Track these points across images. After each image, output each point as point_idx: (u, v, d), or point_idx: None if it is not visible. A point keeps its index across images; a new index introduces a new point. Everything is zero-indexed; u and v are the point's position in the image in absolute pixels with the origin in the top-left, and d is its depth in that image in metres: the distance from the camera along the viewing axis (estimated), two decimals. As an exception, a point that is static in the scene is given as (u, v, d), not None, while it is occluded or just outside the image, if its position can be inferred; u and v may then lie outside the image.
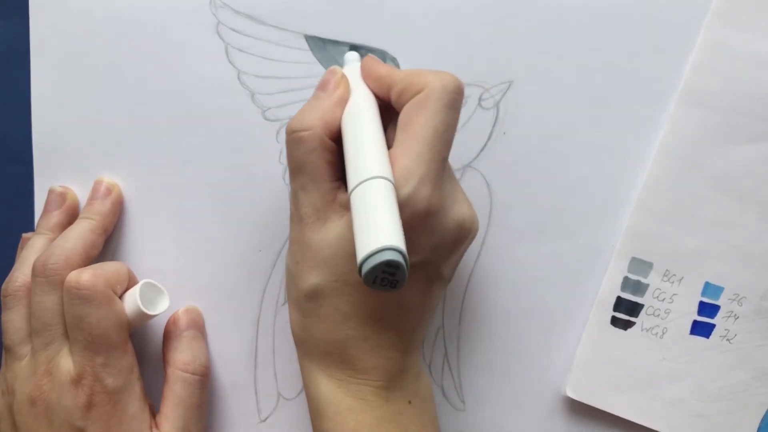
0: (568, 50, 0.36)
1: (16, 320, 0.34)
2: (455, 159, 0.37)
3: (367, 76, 0.32)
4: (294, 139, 0.30)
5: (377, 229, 0.24)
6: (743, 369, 0.37)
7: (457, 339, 0.38)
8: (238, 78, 0.37)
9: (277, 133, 0.37)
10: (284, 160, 0.37)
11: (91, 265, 0.34)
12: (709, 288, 0.37)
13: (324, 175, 0.30)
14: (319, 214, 0.30)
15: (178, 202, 0.38)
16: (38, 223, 0.37)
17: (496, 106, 0.36)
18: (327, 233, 0.30)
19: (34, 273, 0.33)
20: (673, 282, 0.37)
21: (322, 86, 0.32)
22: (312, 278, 0.30)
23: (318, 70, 0.36)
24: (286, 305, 0.38)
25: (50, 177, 0.38)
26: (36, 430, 0.33)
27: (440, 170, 0.29)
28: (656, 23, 0.35)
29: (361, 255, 0.24)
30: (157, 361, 0.37)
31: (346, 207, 0.29)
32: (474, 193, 0.37)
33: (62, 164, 0.38)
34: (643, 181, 0.36)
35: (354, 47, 0.36)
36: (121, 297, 0.34)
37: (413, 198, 0.28)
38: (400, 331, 0.31)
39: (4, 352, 0.35)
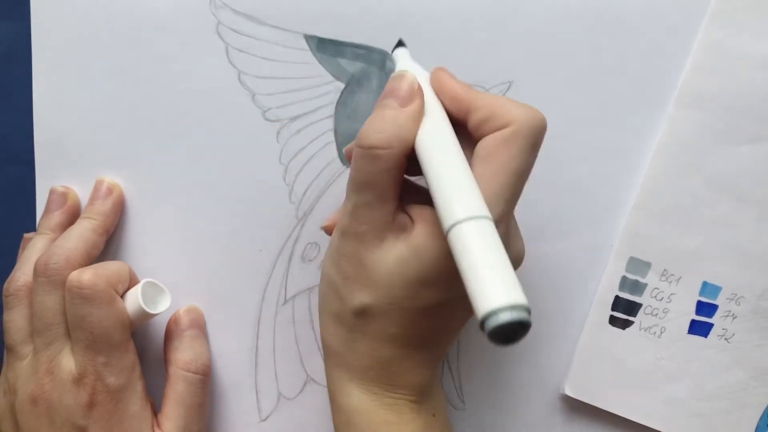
0: (567, 50, 0.36)
1: (17, 320, 0.34)
2: (455, 159, 0.37)
3: (440, 92, 0.30)
4: (369, 155, 0.28)
5: (504, 282, 0.23)
6: (741, 368, 0.37)
7: (457, 339, 0.38)
8: (239, 78, 0.37)
9: (278, 133, 0.37)
10: (284, 159, 0.37)
11: (92, 265, 0.34)
12: (707, 288, 0.37)
13: (392, 194, 0.29)
14: (378, 233, 0.29)
15: (179, 202, 0.38)
16: (39, 223, 0.37)
17: (496, 106, 0.36)
18: (385, 254, 0.28)
19: (36, 273, 0.34)
20: (671, 282, 0.37)
21: (394, 94, 0.29)
22: (363, 297, 0.29)
23: (318, 71, 0.36)
24: (287, 305, 0.39)
25: (51, 177, 0.38)
26: (38, 429, 0.33)
27: (512, 210, 0.29)
28: (655, 24, 0.35)
29: (485, 309, 0.22)
30: (158, 360, 0.37)
31: (404, 228, 0.29)
32: (474, 193, 0.37)
33: (63, 164, 0.38)
34: (641, 181, 0.36)
35: (355, 46, 0.36)
36: (122, 296, 0.35)
37: None
38: (437, 350, 0.31)
39: (6, 352, 0.35)
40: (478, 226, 0.24)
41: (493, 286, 0.23)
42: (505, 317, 0.22)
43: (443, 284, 0.28)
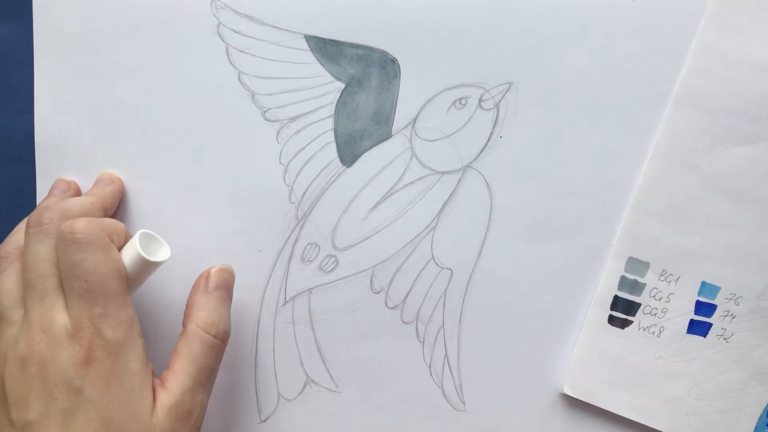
0: (567, 52, 0.36)
1: (7, 283, 0.32)
2: (456, 159, 0.37)
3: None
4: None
5: None
6: (740, 368, 0.37)
7: (457, 339, 0.38)
8: (239, 79, 0.37)
9: (277, 133, 0.37)
10: (284, 160, 0.37)
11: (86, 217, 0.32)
12: (705, 287, 0.37)
13: None
14: None
15: (179, 203, 0.38)
16: (39, 205, 0.36)
17: (496, 107, 0.36)
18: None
19: (29, 225, 0.32)
20: (669, 281, 0.37)
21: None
22: None
23: (318, 71, 0.36)
24: (286, 306, 0.39)
25: (52, 177, 0.38)
26: (25, 395, 0.30)
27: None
28: (653, 26, 0.36)
29: None
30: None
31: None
32: (474, 194, 0.37)
33: (64, 165, 0.38)
34: (639, 181, 0.37)
35: (355, 46, 0.36)
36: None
37: None
38: None
39: None
40: None
41: None
42: None
43: None
